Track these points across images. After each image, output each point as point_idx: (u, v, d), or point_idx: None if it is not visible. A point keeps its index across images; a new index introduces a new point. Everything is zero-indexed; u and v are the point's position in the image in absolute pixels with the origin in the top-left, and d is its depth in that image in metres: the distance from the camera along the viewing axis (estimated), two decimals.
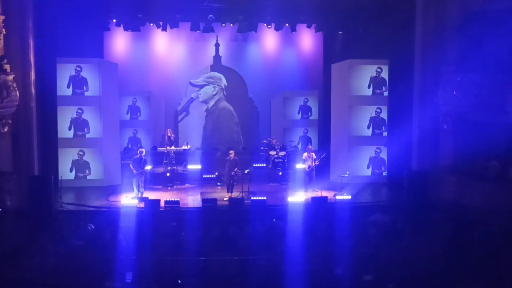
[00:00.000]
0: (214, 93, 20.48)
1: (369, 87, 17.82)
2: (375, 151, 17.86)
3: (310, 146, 17.24)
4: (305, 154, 16.56)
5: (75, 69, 16.99)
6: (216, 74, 20.43)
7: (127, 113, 19.33)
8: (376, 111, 17.87)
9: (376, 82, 17.79)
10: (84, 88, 17.15)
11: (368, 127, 17.92)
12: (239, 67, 20.61)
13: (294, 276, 10.97)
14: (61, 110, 16.80)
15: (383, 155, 17.80)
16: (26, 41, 15.45)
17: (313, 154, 16.62)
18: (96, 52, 17.70)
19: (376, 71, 17.74)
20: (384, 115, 17.85)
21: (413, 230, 13.26)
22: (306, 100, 20.30)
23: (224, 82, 20.46)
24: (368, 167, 17.85)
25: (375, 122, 17.89)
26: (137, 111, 19.45)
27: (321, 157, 16.75)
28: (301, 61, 20.70)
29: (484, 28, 14.69)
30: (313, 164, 16.35)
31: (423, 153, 16.47)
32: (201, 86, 20.44)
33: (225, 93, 20.57)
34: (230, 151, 16.37)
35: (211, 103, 20.58)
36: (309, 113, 20.42)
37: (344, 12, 17.27)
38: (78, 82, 17.08)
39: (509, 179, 14.52)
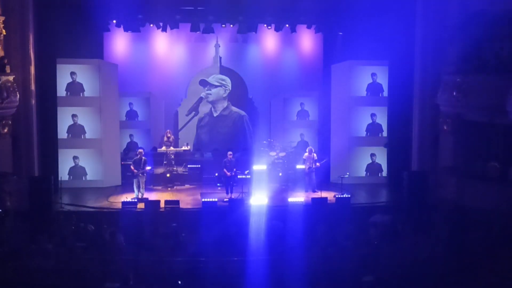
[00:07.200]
0: (224, 95, 20.41)
1: (366, 94, 18.13)
2: (371, 157, 17.93)
3: (311, 147, 17.20)
4: (306, 154, 16.54)
5: (71, 76, 17.14)
6: (227, 78, 20.35)
7: (126, 117, 19.35)
8: (372, 117, 18.03)
9: (373, 87, 18.06)
10: (81, 95, 17.32)
11: (366, 134, 18.17)
12: (239, 68, 20.56)
13: (294, 277, 10.95)
14: (61, 111, 16.81)
15: (379, 160, 17.85)
16: (26, 42, 15.47)
17: (315, 155, 16.60)
18: (96, 53, 17.73)
19: (372, 78, 18.03)
20: (380, 120, 18.06)
21: (413, 230, 13.23)
22: (302, 104, 20.25)
23: (230, 86, 20.41)
24: (366, 174, 18.05)
25: (373, 127, 18.13)
26: (135, 116, 19.46)
27: (322, 162, 16.74)
28: (301, 62, 20.68)
29: (484, 29, 14.70)
30: (314, 165, 16.32)
31: (423, 153, 16.48)
32: (214, 87, 20.32)
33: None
34: (229, 152, 16.36)
35: (220, 105, 20.48)
36: (307, 118, 20.35)
37: (344, 13, 17.26)
38: (74, 87, 17.22)
39: (509, 179, 14.52)
